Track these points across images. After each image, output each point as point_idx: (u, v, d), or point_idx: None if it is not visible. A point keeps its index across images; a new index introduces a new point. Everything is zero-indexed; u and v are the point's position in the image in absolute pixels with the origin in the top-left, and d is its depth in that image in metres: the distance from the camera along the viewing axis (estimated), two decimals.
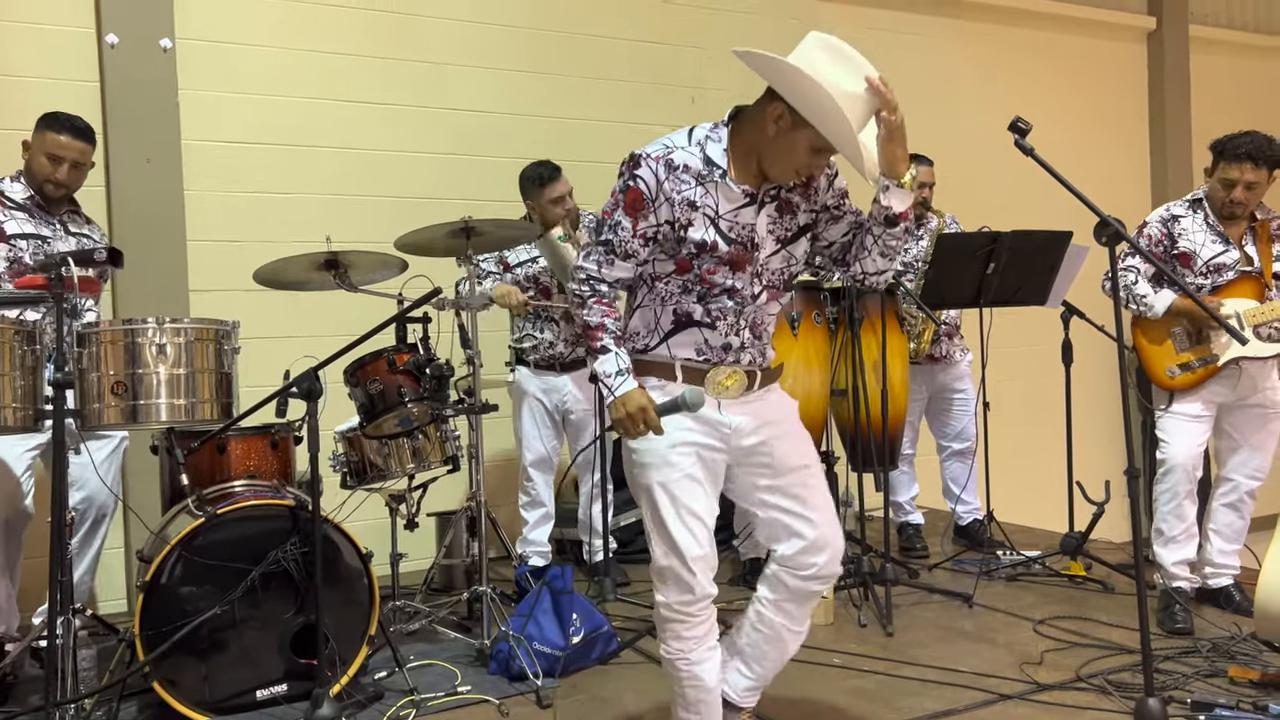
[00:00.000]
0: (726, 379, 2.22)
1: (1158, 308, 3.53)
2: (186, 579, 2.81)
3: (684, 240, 2.19)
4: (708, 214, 2.18)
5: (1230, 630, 3.36)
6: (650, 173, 2.17)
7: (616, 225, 2.21)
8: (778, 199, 2.24)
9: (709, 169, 2.18)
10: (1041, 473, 5.10)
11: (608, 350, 2.20)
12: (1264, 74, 7.52)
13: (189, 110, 4.30)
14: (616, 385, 2.17)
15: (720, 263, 2.20)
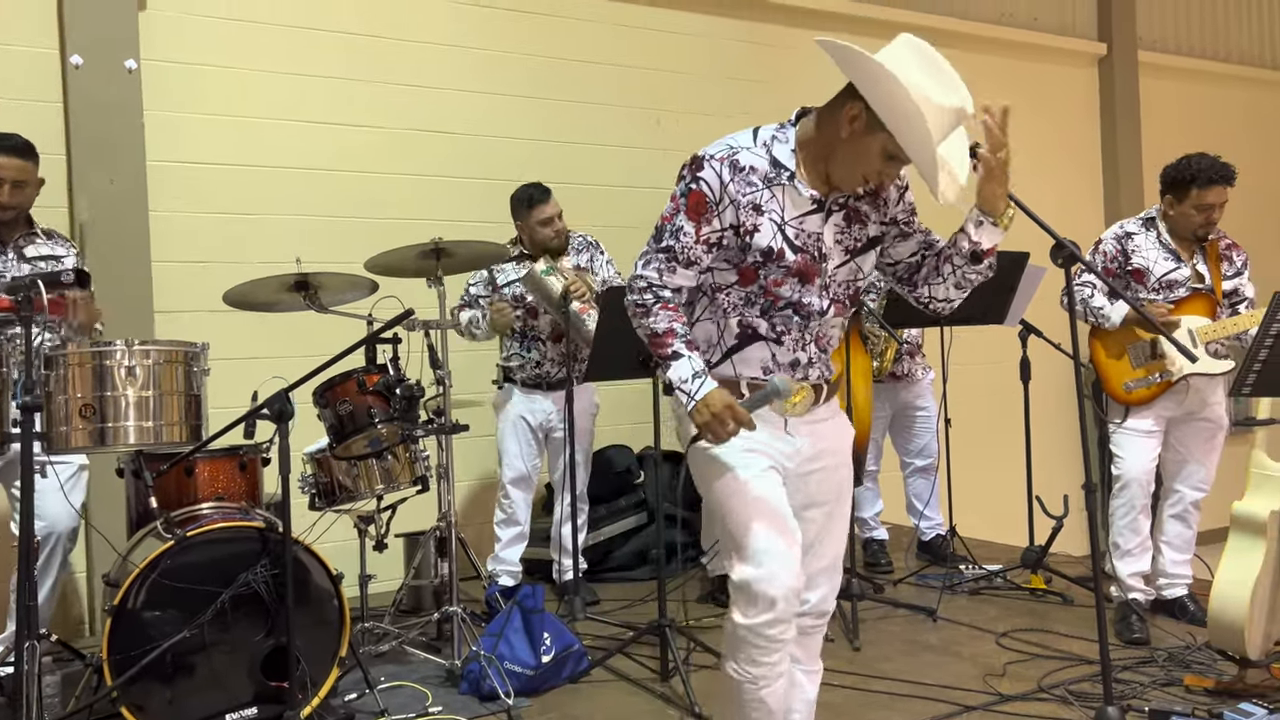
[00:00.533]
0: (795, 395, 2.07)
1: (1114, 318, 3.63)
2: (155, 603, 2.79)
3: (749, 248, 2.06)
4: (774, 219, 2.07)
5: (1185, 640, 3.45)
6: (714, 174, 2.06)
7: (678, 230, 2.07)
8: (845, 208, 2.13)
9: (776, 171, 2.07)
10: (1002, 488, 5.19)
11: (680, 355, 2.06)
12: (1211, 98, 7.75)
13: (154, 131, 4.29)
14: (695, 389, 2.02)
15: (788, 273, 2.08)
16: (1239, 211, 7.56)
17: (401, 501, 3.73)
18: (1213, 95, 7.76)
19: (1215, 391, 3.62)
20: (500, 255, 3.75)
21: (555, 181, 4.35)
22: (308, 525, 3.54)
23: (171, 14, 4.37)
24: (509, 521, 4.19)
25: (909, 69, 1.93)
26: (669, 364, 2.07)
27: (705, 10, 5.65)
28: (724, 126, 5.74)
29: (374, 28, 4.78)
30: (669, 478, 4.94)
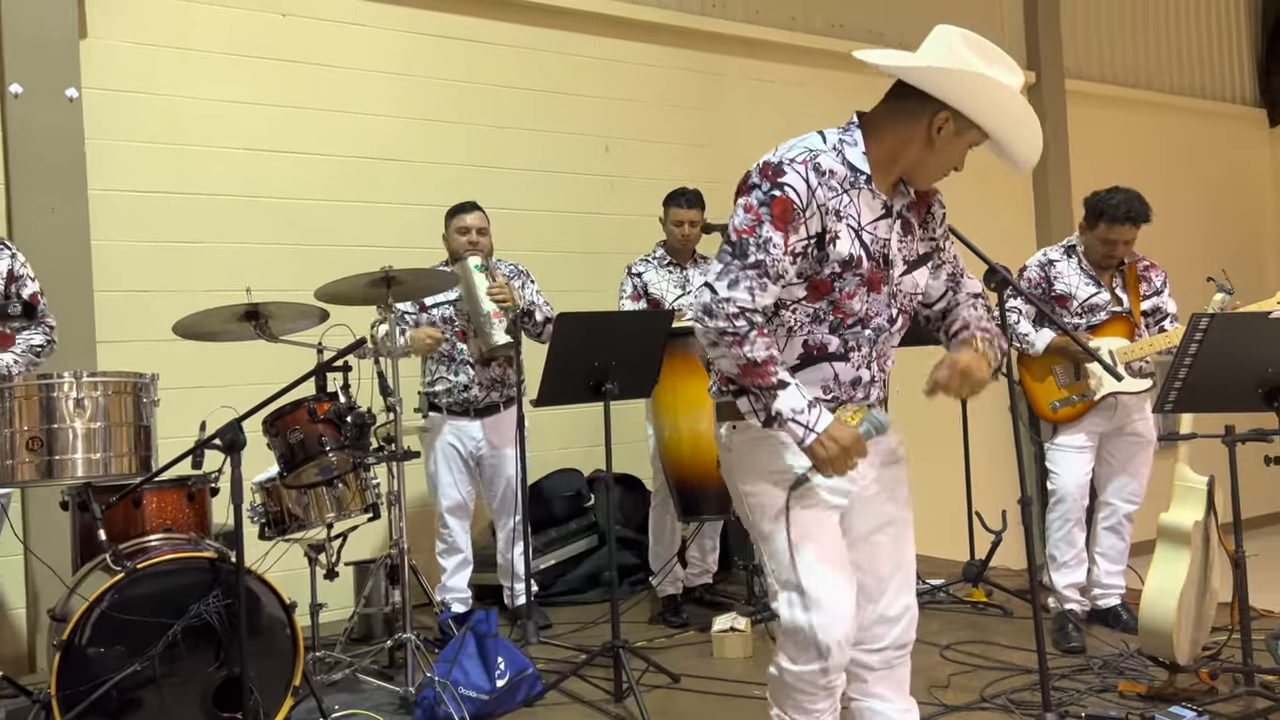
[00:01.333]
0: (851, 416, 1.96)
1: (1038, 345, 3.77)
2: (105, 636, 2.77)
3: (827, 258, 1.96)
4: (851, 225, 1.97)
5: (1120, 648, 3.58)
6: (800, 178, 1.94)
7: (766, 243, 1.91)
8: (902, 218, 2.07)
9: (854, 174, 1.99)
10: (943, 504, 5.32)
11: (786, 384, 1.91)
12: (1136, 125, 8.06)
13: (96, 160, 4.26)
14: (814, 421, 1.89)
15: (861, 283, 1.99)
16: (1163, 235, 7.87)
17: (352, 529, 3.73)
18: (1137, 122, 8.08)
19: (1141, 408, 3.78)
20: (451, 283, 3.78)
21: (503, 207, 4.41)
22: (258, 555, 3.53)
23: (113, 42, 4.35)
24: (451, 550, 4.20)
25: (977, 63, 1.91)
26: (774, 394, 1.91)
27: (653, 40, 5.75)
28: (670, 153, 5.89)
29: (318, 56, 4.80)
30: (617, 501, 4.99)
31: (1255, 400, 2.59)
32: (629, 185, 5.55)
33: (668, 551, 4.36)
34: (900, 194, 2.08)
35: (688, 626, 4.17)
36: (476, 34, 5.21)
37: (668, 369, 3.99)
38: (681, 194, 4.48)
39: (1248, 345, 2.51)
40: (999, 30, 7.36)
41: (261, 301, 3.25)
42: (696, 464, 3.95)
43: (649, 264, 4.52)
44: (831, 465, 1.90)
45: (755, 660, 3.74)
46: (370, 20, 4.95)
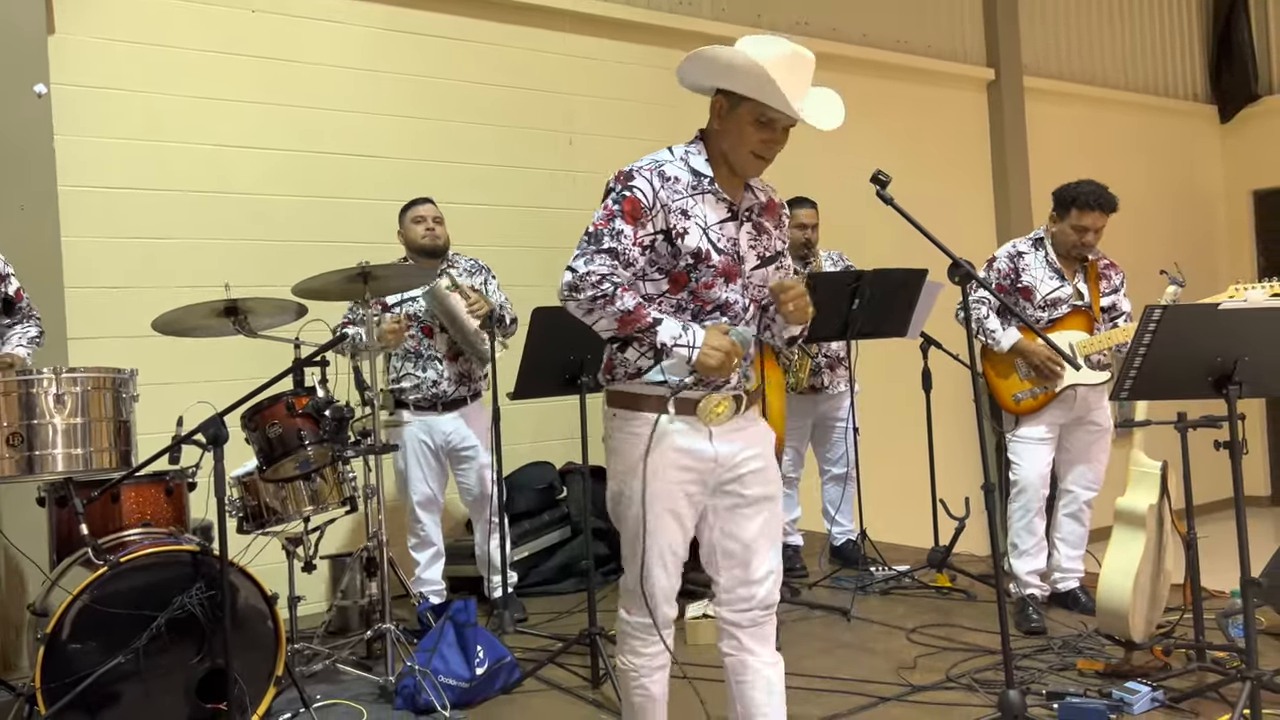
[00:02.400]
0: (718, 406, 2.24)
1: (1004, 344, 3.89)
2: (88, 630, 2.79)
3: (679, 252, 2.22)
4: (699, 224, 2.25)
5: (1078, 629, 3.71)
6: (646, 182, 2.23)
7: (618, 233, 2.20)
8: (753, 219, 2.34)
9: (697, 179, 2.27)
10: (909, 492, 5.44)
11: (660, 319, 2.18)
12: (1092, 121, 8.24)
13: (66, 156, 4.25)
14: (693, 339, 2.16)
15: (716, 274, 2.24)
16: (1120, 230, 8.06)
17: (329, 523, 3.77)
18: (1094, 118, 8.26)
19: (1100, 399, 3.91)
20: (427, 278, 3.82)
21: (469, 202, 4.46)
22: (237, 549, 3.56)
23: (83, 38, 4.34)
24: (423, 544, 4.23)
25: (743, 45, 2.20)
26: (653, 330, 2.17)
27: (618, 36, 5.81)
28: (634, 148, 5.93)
29: (288, 52, 4.80)
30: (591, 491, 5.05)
31: (1206, 388, 2.70)
32: (593, 180, 5.61)
33: None
34: (751, 198, 2.36)
35: None
36: (446, 30, 5.24)
37: None
38: None
39: (1198, 335, 2.62)
40: (959, 28, 7.50)
41: (241, 297, 3.28)
42: None
43: None
44: (719, 369, 2.17)
45: None
46: (340, 16, 4.96)
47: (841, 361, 4.85)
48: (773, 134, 2.25)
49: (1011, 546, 3.98)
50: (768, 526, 2.35)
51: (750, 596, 2.33)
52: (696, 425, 2.26)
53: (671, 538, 2.28)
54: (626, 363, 2.29)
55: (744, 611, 2.34)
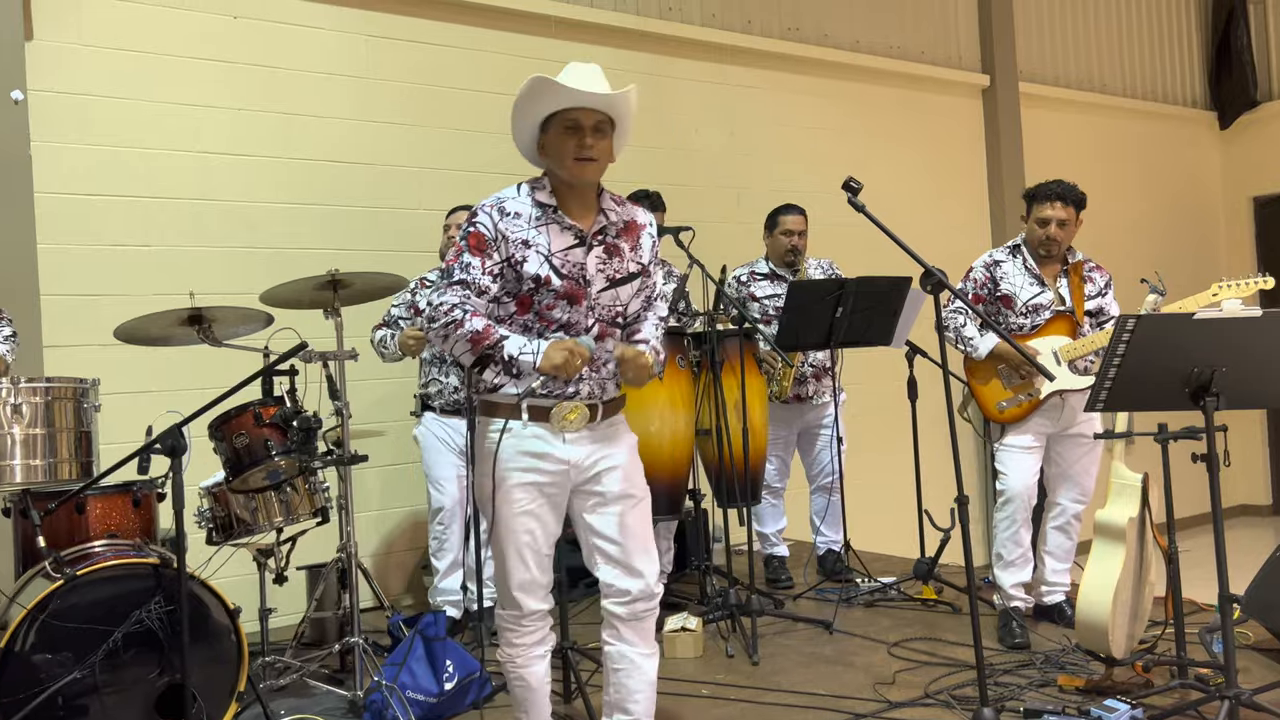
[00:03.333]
0: (570, 413, 2.44)
1: (982, 350, 3.82)
2: (45, 644, 2.74)
3: (522, 277, 2.42)
4: (540, 252, 2.43)
5: (1061, 643, 3.64)
6: (487, 217, 2.44)
7: (467, 265, 2.43)
8: (605, 243, 2.51)
9: (541, 211, 2.46)
10: (895, 502, 5.38)
11: (507, 335, 2.39)
12: (1089, 127, 8.19)
13: (42, 162, 4.22)
14: (537, 349, 2.37)
15: (557, 296, 2.43)
16: (1117, 238, 8.00)
17: (301, 534, 3.72)
18: (1091, 125, 8.21)
19: (1082, 405, 3.84)
20: (397, 285, 3.78)
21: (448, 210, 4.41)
22: (205, 560, 3.52)
23: (60, 44, 4.31)
24: (443, 550, 4.18)
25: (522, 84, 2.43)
26: (501, 347, 2.38)
27: (606, 43, 5.78)
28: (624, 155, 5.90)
29: (271, 58, 4.78)
30: None
31: (1183, 399, 2.64)
32: None
33: None
34: (605, 220, 2.52)
35: None
36: (429, 36, 5.21)
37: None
38: (644, 195, 4.51)
39: (1173, 345, 2.56)
40: (954, 34, 7.46)
41: (205, 306, 3.23)
42: (647, 465, 3.88)
43: None
44: (564, 369, 2.34)
45: (705, 660, 3.77)
46: (323, 22, 4.93)
47: (827, 371, 4.79)
48: (581, 135, 2.41)
49: (996, 557, 3.91)
50: (635, 523, 2.51)
51: (626, 591, 2.49)
52: (550, 430, 2.44)
53: (529, 535, 2.46)
54: (485, 380, 2.49)
55: (623, 604, 2.51)
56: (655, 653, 2.58)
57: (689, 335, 4.17)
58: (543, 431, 2.44)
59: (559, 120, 2.42)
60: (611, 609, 2.53)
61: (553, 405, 2.44)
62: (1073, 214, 3.78)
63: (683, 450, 4.04)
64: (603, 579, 2.53)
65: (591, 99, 2.40)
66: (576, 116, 2.41)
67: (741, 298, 4.83)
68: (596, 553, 2.53)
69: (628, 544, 2.49)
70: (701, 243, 4.16)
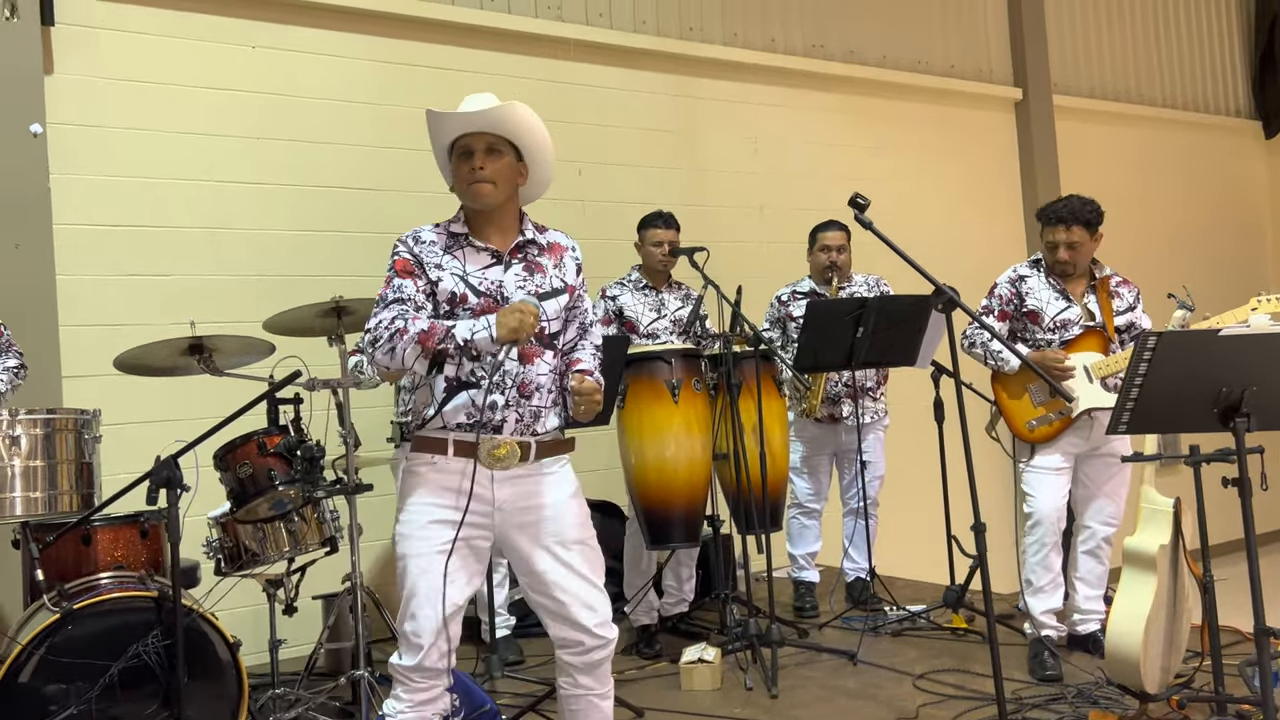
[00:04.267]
0: (498, 449, 2.36)
1: (1013, 362, 3.69)
2: (43, 679, 2.72)
3: (438, 302, 2.41)
4: (455, 273, 2.44)
5: (1095, 676, 3.48)
6: (404, 246, 2.47)
7: (400, 286, 2.42)
8: (525, 261, 2.50)
9: (453, 239, 2.48)
10: (925, 528, 5.22)
11: (453, 324, 2.33)
12: (1127, 139, 7.99)
13: (61, 194, 4.26)
14: (489, 323, 2.31)
15: (474, 314, 2.39)
16: (1158, 253, 7.79)
17: (311, 564, 3.68)
18: (1129, 136, 8.02)
19: None
20: None
21: None
22: (212, 590, 3.49)
23: (79, 77, 4.36)
24: None
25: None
26: (451, 335, 2.32)
27: (627, 64, 5.74)
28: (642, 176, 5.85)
29: (289, 87, 4.79)
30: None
31: (1211, 420, 2.51)
32: (603, 210, 5.52)
33: (642, 580, 4.29)
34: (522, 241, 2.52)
35: (660, 657, 4.08)
36: (447, 61, 5.20)
37: (633, 394, 3.94)
38: (659, 215, 4.45)
39: (1199, 364, 2.43)
40: (984, 47, 7.33)
41: (205, 335, 3.22)
42: (663, 490, 3.88)
43: (624, 287, 4.48)
44: (521, 327, 2.29)
45: (724, 692, 3.66)
46: (341, 50, 4.95)
47: (868, 392, 4.66)
48: (472, 160, 2.44)
49: (1025, 584, 3.76)
50: (575, 571, 2.43)
51: (578, 642, 2.44)
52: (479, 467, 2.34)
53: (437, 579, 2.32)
54: (415, 411, 2.45)
55: (574, 655, 2.46)
56: (610, 689, 2.53)
57: (705, 357, 4.08)
58: (467, 468, 2.34)
59: (456, 149, 2.47)
60: (567, 659, 2.48)
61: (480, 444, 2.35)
62: (1084, 234, 3.65)
63: (700, 476, 3.95)
64: (550, 629, 2.48)
65: (469, 120, 2.43)
66: (468, 142, 2.44)
67: (780, 317, 4.74)
68: (539, 608, 2.48)
69: (571, 598, 2.42)
70: (725, 263, 4.08)
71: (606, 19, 5.71)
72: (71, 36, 4.34)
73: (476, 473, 2.34)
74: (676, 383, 3.94)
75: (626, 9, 5.79)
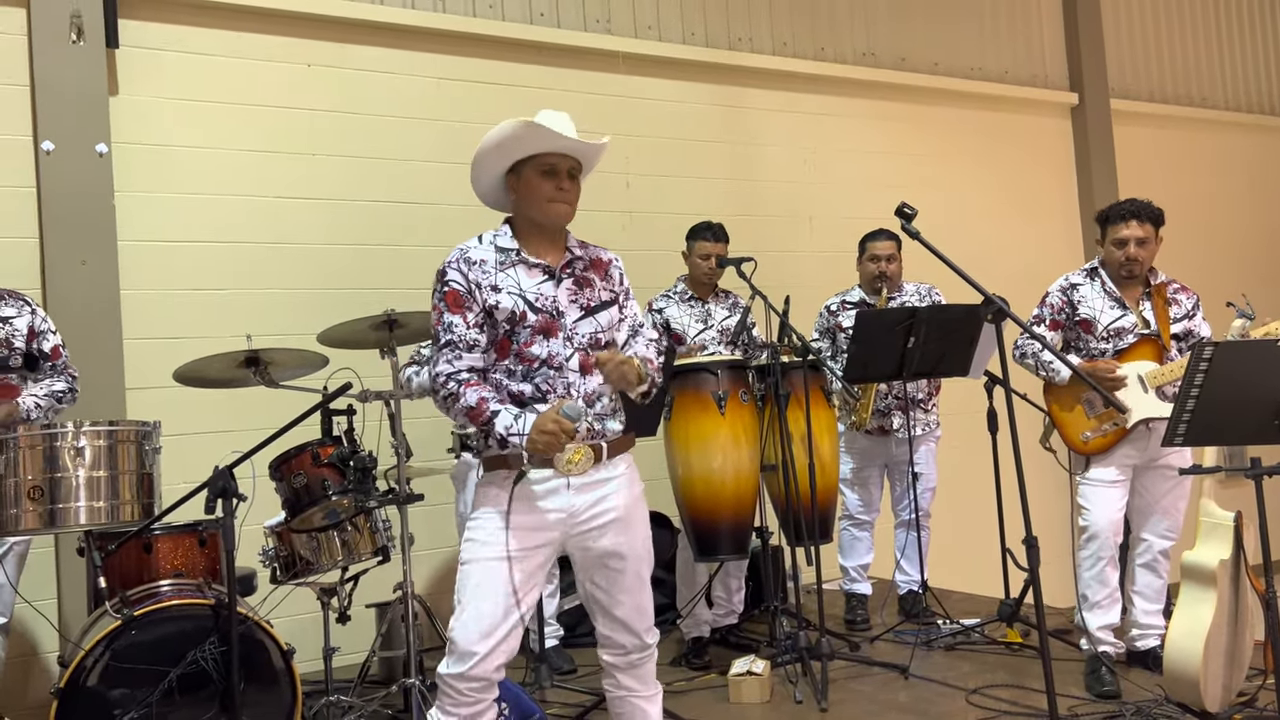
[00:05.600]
0: (574, 455, 2.37)
1: (1064, 373, 3.63)
2: (105, 683, 2.80)
3: (497, 322, 2.43)
4: (512, 291, 2.46)
5: (1154, 693, 3.40)
6: (456, 272, 2.46)
7: (450, 325, 2.44)
8: (574, 276, 2.54)
9: (505, 255, 2.49)
10: (980, 540, 5.15)
11: (498, 411, 2.37)
12: (1185, 143, 7.82)
13: (125, 212, 4.39)
14: (523, 427, 2.35)
15: (534, 331, 2.43)
16: (1218, 254, 7.60)
17: (364, 572, 3.73)
18: (1186, 140, 7.84)
19: None
20: None
21: None
22: (269, 598, 3.56)
23: (143, 98, 4.49)
24: None
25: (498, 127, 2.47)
26: (493, 424, 2.37)
27: (676, 76, 5.77)
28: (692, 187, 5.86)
29: (346, 104, 4.89)
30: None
31: (1272, 432, 2.44)
32: (651, 221, 5.54)
33: (693, 592, 4.29)
34: (571, 257, 2.55)
35: (709, 669, 4.07)
36: (505, 77, 5.27)
37: (679, 406, 3.95)
38: (707, 227, 4.45)
39: (1259, 374, 2.37)
40: (1038, 52, 7.23)
41: (261, 348, 3.29)
42: (710, 502, 3.87)
43: (670, 299, 4.49)
44: (548, 448, 2.31)
45: (773, 705, 3.64)
46: (399, 67, 5.04)
47: (919, 404, 4.62)
48: (559, 179, 2.47)
49: (1082, 599, 3.68)
50: (632, 579, 2.50)
51: (622, 645, 2.52)
52: (556, 476, 2.39)
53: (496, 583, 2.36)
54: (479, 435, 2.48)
55: (618, 657, 2.53)
56: (658, 692, 2.61)
57: (752, 368, 4.07)
58: (546, 478, 2.40)
59: (534, 164, 2.47)
60: (608, 659, 2.56)
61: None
62: (1151, 231, 3.58)
63: (747, 487, 3.93)
64: (599, 629, 2.55)
65: (574, 145, 2.46)
66: (554, 161, 2.46)
67: (829, 327, 4.72)
68: (593, 604, 2.54)
69: (625, 600, 2.49)
70: (774, 273, 4.07)
71: (655, 31, 5.74)
72: (135, 58, 4.48)
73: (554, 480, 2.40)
74: (723, 394, 3.93)
75: (675, 21, 5.81)
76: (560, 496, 2.42)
